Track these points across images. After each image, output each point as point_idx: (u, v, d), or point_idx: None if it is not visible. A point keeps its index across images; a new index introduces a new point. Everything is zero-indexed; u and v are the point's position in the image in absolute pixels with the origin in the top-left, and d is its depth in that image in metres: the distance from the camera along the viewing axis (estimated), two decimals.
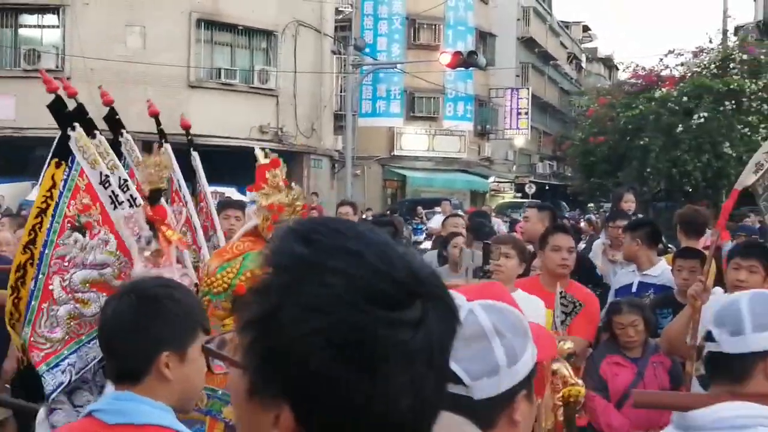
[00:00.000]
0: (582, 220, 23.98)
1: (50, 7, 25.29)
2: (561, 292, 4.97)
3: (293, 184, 4.47)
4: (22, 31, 25.93)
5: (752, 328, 2.40)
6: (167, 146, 5.21)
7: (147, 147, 20.57)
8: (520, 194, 46.81)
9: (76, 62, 24.51)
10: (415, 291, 1.08)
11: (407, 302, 1.07)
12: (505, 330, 1.75)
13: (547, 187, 51.91)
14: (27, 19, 26.01)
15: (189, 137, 5.67)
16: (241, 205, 7.81)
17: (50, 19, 25.65)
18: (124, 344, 2.34)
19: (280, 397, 1.07)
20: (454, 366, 1.63)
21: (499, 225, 18.64)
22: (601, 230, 10.28)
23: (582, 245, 10.16)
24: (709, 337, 2.51)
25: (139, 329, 2.32)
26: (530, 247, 6.63)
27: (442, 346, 1.11)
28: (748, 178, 4.96)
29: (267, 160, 4.37)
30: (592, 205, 35.96)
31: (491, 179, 45.82)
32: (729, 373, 2.44)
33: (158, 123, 5.48)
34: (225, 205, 8.06)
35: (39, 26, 26.05)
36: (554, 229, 6.37)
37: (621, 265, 7.60)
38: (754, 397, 2.31)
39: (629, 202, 9.54)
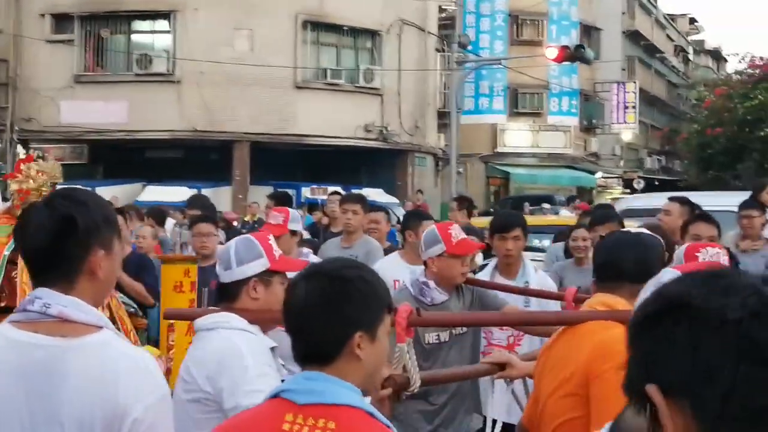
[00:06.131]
0: None
1: (162, 13, 25.94)
2: None
3: (49, 164, 5.11)
4: (134, 37, 26.65)
5: (236, 264, 3.35)
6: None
7: (255, 148, 20.88)
8: (628, 190, 45.88)
9: (186, 66, 25.07)
10: None
11: None
12: None
13: (656, 183, 50.94)
14: (139, 25, 26.74)
15: None
16: (360, 199, 8.22)
17: (161, 24, 26.32)
18: (317, 325, 2.31)
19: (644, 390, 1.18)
20: None
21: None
22: None
23: None
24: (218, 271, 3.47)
25: (334, 310, 2.30)
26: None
27: None
28: None
29: (24, 156, 5.21)
30: None
31: (598, 175, 45.17)
32: (227, 296, 3.38)
33: None
34: (343, 199, 8.58)
35: (151, 32, 26.76)
36: (696, 218, 6.48)
37: (749, 255, 7.38)
38: (241, 311, 3.28)
39: None
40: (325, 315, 2.30)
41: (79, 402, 2.26)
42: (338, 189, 14.06)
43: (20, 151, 5.47)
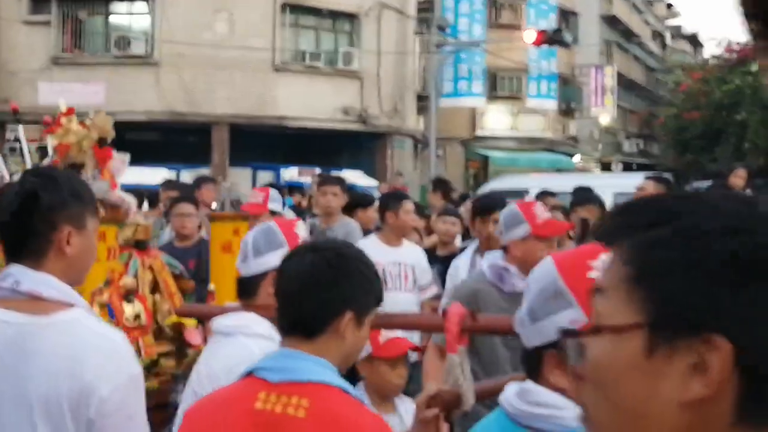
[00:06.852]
0: None
1: None
2: None
3: (99, 117, 4.86)
4: (112, 19, 26.51)
5: (253, 255, 3.02)
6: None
7: (234, 130, 20.76)
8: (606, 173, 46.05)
9: (165, 48, 24.96)
10: None
11: None
12: None
13: (634, 166, 51.24)
14: (117, 7, 26.61)
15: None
16: (339, 181, 8.17)
17: (140, 6, 26.17)
18: (313, 296, 2.27)
19: (702, 333, 0.91)
20: None
21: None
22: None
23: None
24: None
25: (334, 284, 2.27)
26: None
27: None
28: None
29: (65, 109, 4.91)
30: None
31: (576, 158, 45.21)
32: (245, 291, 3.05)
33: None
34: (322, 181, 8.42)
35: (129, 13, 26.62)
36: None
37: None
38: (259, 308, 2.94)
39: (739, 178, 8.98)
40: (324, 286, 2.27)
41: (46, 380, 2.25)
42: (320, 171, 14.12)
43: (61, 102, 5.32)
